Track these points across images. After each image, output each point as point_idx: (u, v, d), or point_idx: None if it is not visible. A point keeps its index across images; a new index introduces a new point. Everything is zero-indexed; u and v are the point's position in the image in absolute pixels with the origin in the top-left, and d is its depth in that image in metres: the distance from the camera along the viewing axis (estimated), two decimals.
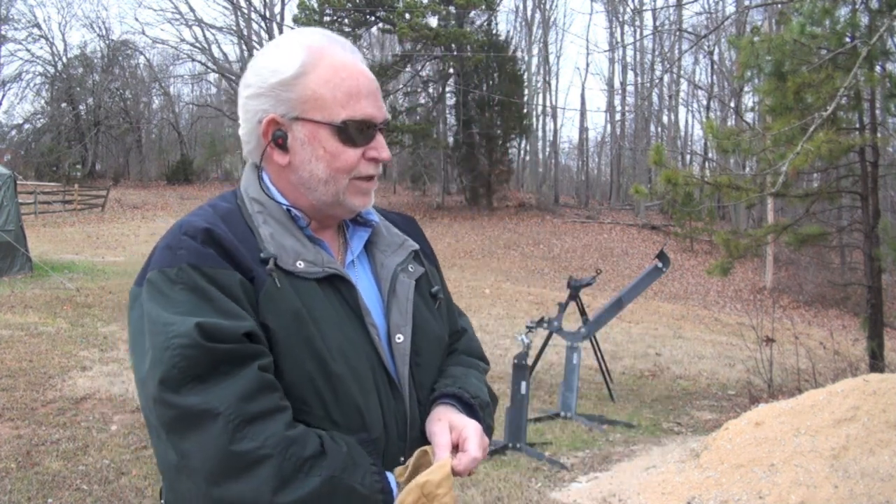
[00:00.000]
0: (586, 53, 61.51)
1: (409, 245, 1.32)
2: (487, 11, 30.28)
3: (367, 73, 1.19)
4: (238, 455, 0.97)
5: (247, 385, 1.00)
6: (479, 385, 1.33)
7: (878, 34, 6.02)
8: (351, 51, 1.20)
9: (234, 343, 1.01)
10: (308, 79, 1.15)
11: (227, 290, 1.05)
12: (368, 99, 1.17)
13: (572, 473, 4.95)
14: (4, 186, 12.36)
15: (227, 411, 0.97)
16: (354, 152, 1.17)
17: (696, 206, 8.32)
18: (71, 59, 38.14)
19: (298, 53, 1.16)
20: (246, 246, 1.11)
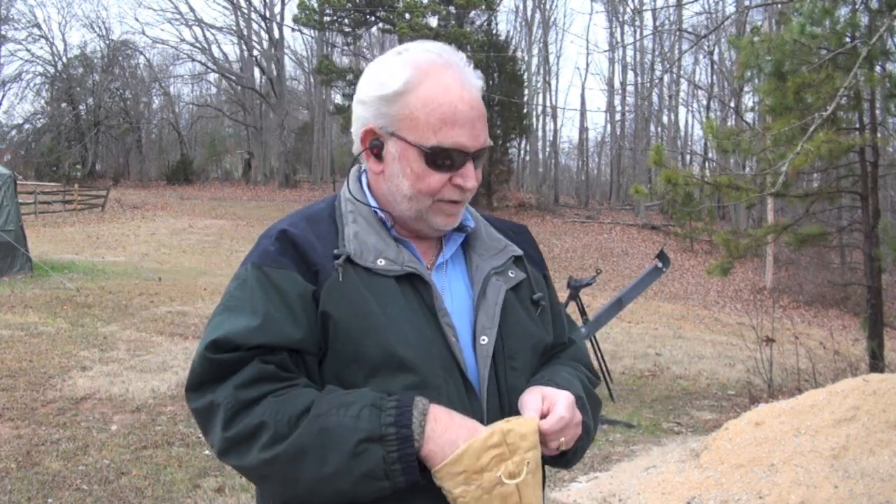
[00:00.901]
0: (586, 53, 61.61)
1: (511, 250, 1.32)
2: (487, 11, 30.29)
3: (469, 99, 1.18)
4: (232, 439, 1.10)
5: (245, 376, 1.10)
6: (571, 379, 1.29)
7: (878, 34, 6.01)
8: (460, 73, 1.19)
9: (243, 351, 1.11)
10: (407, 98, 1.17)
11: (278, 289, 1.15)
12: (463, 128, 1.17)
13: (572, 473, 4.95)
14: (4, 186, 12.36)
15: (225, 402, 1.10)
16: (440, 177, 1.18)
17: (696, 206, 8.32)
18: (71, 59, 38.18)
19: (405, 71, 1.17)
20: (323, 243, 1.20)
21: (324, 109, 38.63)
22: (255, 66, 40.30)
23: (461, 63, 1.20)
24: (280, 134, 38.26)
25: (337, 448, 1.06)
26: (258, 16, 39.66)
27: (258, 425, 1.08)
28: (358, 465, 1.05)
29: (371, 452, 1.05)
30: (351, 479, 1.06)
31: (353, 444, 1.05)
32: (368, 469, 1.05)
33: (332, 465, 1.06)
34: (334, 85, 33.38)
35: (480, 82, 1.23)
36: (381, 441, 1.05)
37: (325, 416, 1.08)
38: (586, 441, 1.27)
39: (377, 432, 1.06)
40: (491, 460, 1.06)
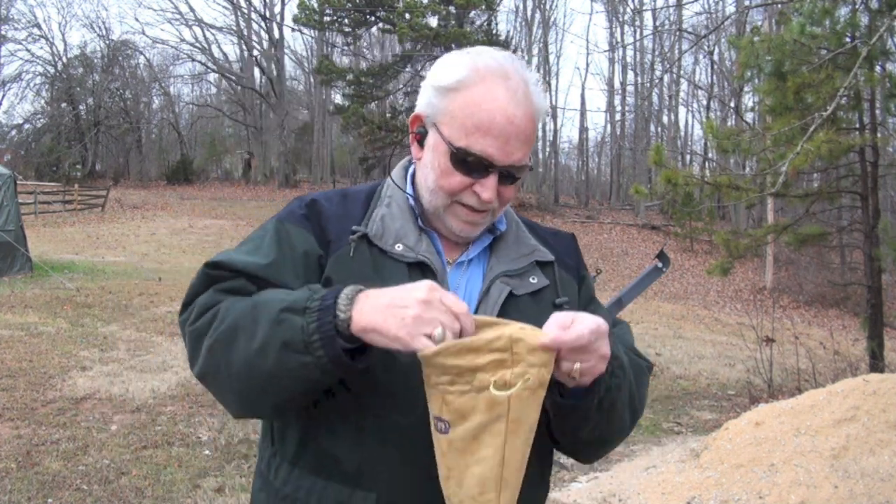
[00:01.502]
0: (586, 53, 61.62)
1: (538, 255, 1.31)
2: (487, 11, 30.28)
3: (512, 114, 1.16)
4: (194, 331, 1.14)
5: (228, 284, 1.17)
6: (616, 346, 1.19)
7: (878, 34, 6.01)
8: (516, 87, 1.17)
9: (240, 275, 1.18)
10: (456, 95, 1.18)
11: (291, 243, 1.22)
12: (496, 139, 1.15)
13: (572, 473, 4.95)
14: (4, 186, 12.36)
15: (201, 301, 1.16)
16: (461, 179, 1.19)
17: (696, 206, 8.32)
18: (71, 59, 38.18)
19: (463, 70, 1.18)
20: (348, 219, 1.25)
21: (324, 109, 38.61)
22: (255, 66, 40.30)
23: (522, 79, 1.19)
24: (280, 134, 38.25)
25: (263, 319, 1.06)
26: (258, 16, 39.69)
27: (213, 315, 1.12)
28: (279, 332, 1.04)
29: (291, 322, 1.04)
30: (274, 352, 1.04)
31: (276, 313, 1.05)
32: (288, 337, 1.03)
33: (259, 337, 1.05)
34: (334, 85, 33.36)
35: (541, 104, 1.21)
36: (304, 312, 1.04)
37: (263, 295, 1.11)
38: (623, 381, 1.18)
39: (301, 304, 1.05)
40: (489, 363, 1.00)
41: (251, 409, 1.17)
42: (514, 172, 1.20)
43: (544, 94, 1.23)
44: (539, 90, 1.21)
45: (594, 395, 1.14)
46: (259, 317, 1.07)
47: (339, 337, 1.03)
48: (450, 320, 1.01)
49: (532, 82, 1.20)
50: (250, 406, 1.15)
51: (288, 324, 1.04)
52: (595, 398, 1.14)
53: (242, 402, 1.14)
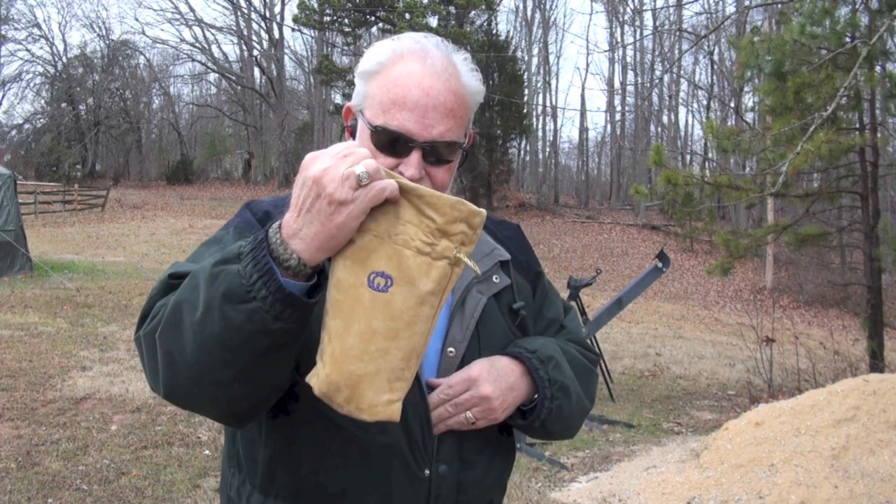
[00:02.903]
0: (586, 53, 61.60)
1: (497, 255, 1.29)
2: (487, 11, 30.28)
3: (428, 87, 1.11)
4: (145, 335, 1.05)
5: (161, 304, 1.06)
6: (545, 343, 1.26)
7: (878, 34, 6.01)
8: (434, 62, 1.13)
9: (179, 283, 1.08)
10: (376, 77, 1.15)
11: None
12: (412, 112, 1.10)
13: (572, 473, 4.95)
14: (4, 186, 12.36)
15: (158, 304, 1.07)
16: (385, 160, 1.11)
17: (696, 206, 8.32)
18: (71, 59, 38.19)
19: (383, 53, 1.16)
20: None
21: (324, 109, 38.59)
22: (255, 66, 40.30)
23: (446, 57, 1.15)
24: (280, 134, 38.25)
25: (200, 281, 0.97)
26: (258, 16, 39.68)
27: (161, 306, 1.04)
28: (217, 287, 0.94)
29: (227, 271, 0.95)
30: (217, 311, 0.93)
31: (209, 268, 0.97)
32: (226, 288, 0.93)
33: (201, 303, 0.95)
34: (334, 85, 33.35)
35: (469, 83, 1.16)
36: (238, 258, 0.95)
37: (200, 266, 1.02)
38: (565, 403, 1.23)
39: (234, 251, 0.97)
40: (460, 233, 0.96)
41: (225, 403, 1.03)
42: (439, 150, 1.13)
43: (475, 73, 1.18)
44: (468, 69, 1.17)
45: (535, 420, 1.22)
46: (196, 282, 0.98)
47: (281, 266, 0.94)
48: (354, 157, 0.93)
49: (459, 61, 1.16)
50: (221, 396, 1.01)
51: (224, 274, 0.95)
52: (536, 422, 1.22)
53: (210, 393, 1.00)
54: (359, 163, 0.93)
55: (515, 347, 1.24)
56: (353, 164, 0.93)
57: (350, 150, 0.96)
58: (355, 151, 0.95)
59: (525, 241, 1.41)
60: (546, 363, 1.22)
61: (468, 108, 1.18)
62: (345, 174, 0.92)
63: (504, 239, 1.35)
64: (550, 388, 1.21)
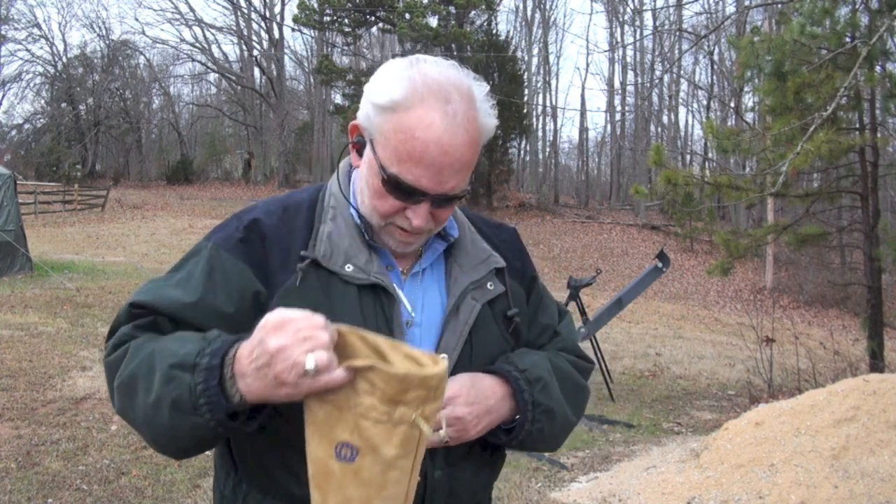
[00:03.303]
0: (586, 53, 61.59)
1: (493, 262, 1.28)
2: (487, 11, 30.29)
3: (447, 143, 1.08)
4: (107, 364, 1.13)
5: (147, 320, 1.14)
6: (537, 361, 1.26)
7: (878, 34, 6.01)
8: (454, 113, 1.09)
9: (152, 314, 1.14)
10: (392, 116, 1.10)
11: (223, 275, 1.15)
12: (428, 170, 1.09)
13: (572, 473, 4.95)
14: (4, 186, 12.36)
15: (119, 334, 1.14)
16: (393, 203, 1.14)
17: (696, 206, 8.32)
18: (71, 59, 38.17)
19: (402, 89, 1.10)
20: (293, 239, 1.19)
21: (324, 109, 38.61)
22: (255, 66, 40.30)
23: (467, 98, 1.12)
24: (280, 134, 38.24)
25: (157, 372, 1.02)
26: (258, 16, 39.68)
27: (123, 352, 1.10)
28: (169, 391, 1.00)
29: (180, 380, 1.00)
30: (167, 409, 1.01)
31: (167, 368, 1.01)
32: (176, 396, 1.00)
33: (153, 392, 1.02)
34: (334, 85, 33.38)
35: (486, 125, 1.15)
36: (193, 370, 0.99)
37: (161, 343, 1.06)
38: (547, 425, 1.23)
39: (191, 360, 1.00)
40: (415, 398, 0.97)
41: (171, 454, 1.11)
42: (449, 200, 1.15)
43: (492, 109, 1.16)
44: (486, 108, 1.15)
45: (512, 439, 1.23)
46: (154, 369, 1.03)
47: (226, 399, 0.99)
48: (312, 344, 0.95)
49: (479, 100, 1.14)
50: (166, 451, 1.09)
51: (177, 382, 1.00)
52: (514, 441, 1.23)
53: (157, 446, 1.09)
54: (314, 351, 0.94)
55: (505, 364, 1.23)
56: (308, 350, 0.94)
57: (312, 332, 0.95)
58: (315, 336, 0.95)
59: (521, 246, 1.40)
60: (533, 385, 1.22)
61: (480, 149, 1.16)
62: (294, 361, 0.93)
63: (500, 243, 1.34)
64: (533, 411, 1.21)
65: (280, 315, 0.97)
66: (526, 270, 1.37)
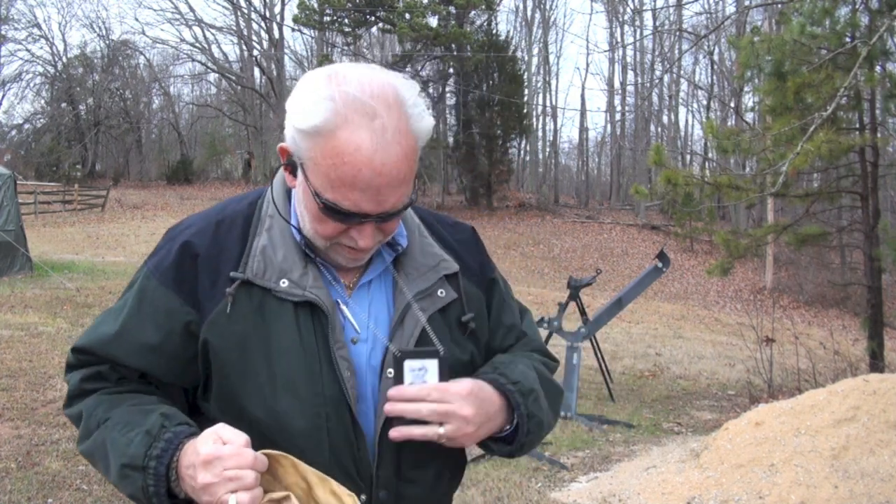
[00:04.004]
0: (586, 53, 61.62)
1: (444, 267, 1.23)
2: (487, 11, 30.30)
3: (379, 164, 1.03)
4: (69, 417, 1.24)
5: (92, 371, 1.22)
6: (526, 371, 1.24)
7: (878, 34, 6.02)
8: (382, 129, 1.03)
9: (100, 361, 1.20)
10: (316, 142, 1.05)
11: (153, 308, 1.16)
12: (364, 193, 1.04)
13: (572, 473, 4.95)
14: (4, 186, 12.35)
15: (70, 387, 1.25)
16: (336, 226, 1.09)
17: (696, 206, 8.33)
18: (71, 59, 38.14)
19: (323, 111, 1.03)
20: (223, 259, 1.16)
21: None
22: (255, 66, 40.29)
23: (395, 107, 1.05)
24: (280, 134, 38.08)
25: (112, 464, 1.10)
26: (258, 16, 39.65)
27: (78, 415, 1.19)
28: (125, 486, 1.10)
29: (133, 479, 1.08)
30: (127, 494, 1.12)
31: (119, 467, 1.09)
32: (132, 492, 1.09)
33: (112, 476, 1.12)
34: None
35: (420, 129, 1.08)
36: (143, 471, 1.06)
37: (111, 429, 1.12)
38: (536, 435, 1.24)
39: (139, 462, 1.07)
40: None
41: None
42: (392, 216, 1.10)
43: (425, 111, 1.10)
44: (417, 111, 1.08)
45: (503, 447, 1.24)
46: (108, 459, 1.11)
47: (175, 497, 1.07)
48: (236, 485, 1.00)
49: (408, 105, 1.07)
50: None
51: (130, 480, 1.08)
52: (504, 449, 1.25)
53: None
54: (237, 492, 0.99)
55: (496, 375, 1.20)
56: (232, 490, 0.99)
57: (238, 473, 1.00)
58: (241, 476, 1.00)
59: (479, 245, 1.34)
60: (527, 397, 1.20)
61: (417, 155, 1.10)
62: (218, 501, 1.00)
63: (456, 244, 1.29)
64: (528, 423, 1.20)
65: (210, 446, 1.01)
66: (484, 272, 1.31)
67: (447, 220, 1.35)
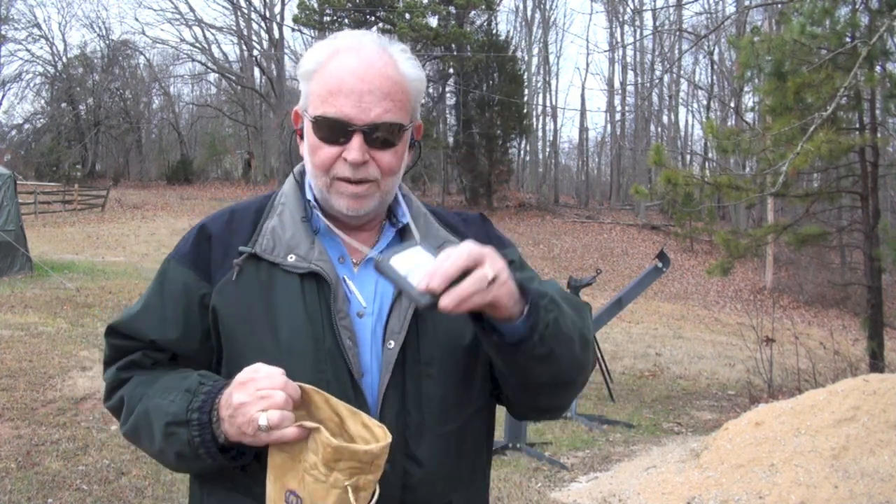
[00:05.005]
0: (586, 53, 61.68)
1: (449, 245, 1.17)
2: (487, 11, 30.30)
3: (362, 73, 1.14)
4: (110, 409, 1.28)
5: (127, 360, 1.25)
6: (545, 284, 1.19)
7: (878, 34, 6.02)
8: (367, 53, 1.16)
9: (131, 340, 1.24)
10: (315, 76, 1.18)
11: (171, 285, 1.23)
12: (348, 98, 1.13)
13: (572, 473, 4.95)
14: (4, 186, 12.35)
15: (108, 379, 1.27)
16: (329, 150, 1.16)
17: (696, 206, 8.33)
18: (71, 59, 38.13)
19: (321, 52, 1.19)
20: (236, 238, 1.23)
21: None
22: (255, 66, 40.28)
23: (381, 48, 1.18)
24: (280, 134, 38.21)
25: (155, 429, 1.15)
26: (258, 16, 39.63)
27: (119, 401, 1.23)
28: (171, 445, 1.14)
29: (178, 435, 1.12)
30: (172, 456, 1.15)
31: (162, 427, 1.13)
32: (179, 449, 1.13)
33: (157, 443, 1.16)
34: None
35: (407, 71, 1.18)
36: (187, 425, 1.11)
37: (151, 398, 1.17)
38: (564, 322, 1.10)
39: (182, 417, 1.11)
40: (349, 468, 1.03)
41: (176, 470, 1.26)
42: (380, 131, 1.14)
43: (412, 62, 1.20)
44: (405, 58, 1.19)
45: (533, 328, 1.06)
46: (152, 425, 1.16)
47: (219, 444, 1.11)
48: (267, 403, 1.04)
49: (396, 52, 1.19)
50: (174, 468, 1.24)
51: (176, 437, 1.12)
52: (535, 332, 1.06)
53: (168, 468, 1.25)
54: (267, 410, 1.04)
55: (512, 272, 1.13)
56: (264, 408, 1.04)
57: (269, 391, 1.05)
58: (272, 395, 1.04)
59: (488, 227, 1.35)
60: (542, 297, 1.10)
61: (408, 94, 1.19)
62: (251, 418, 1.04)
63: (463, 226, 1.32)
64: (540, 299, 1.09)
65: (247, 372, 1.07)
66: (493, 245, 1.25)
67: (459, 214, 1.38)
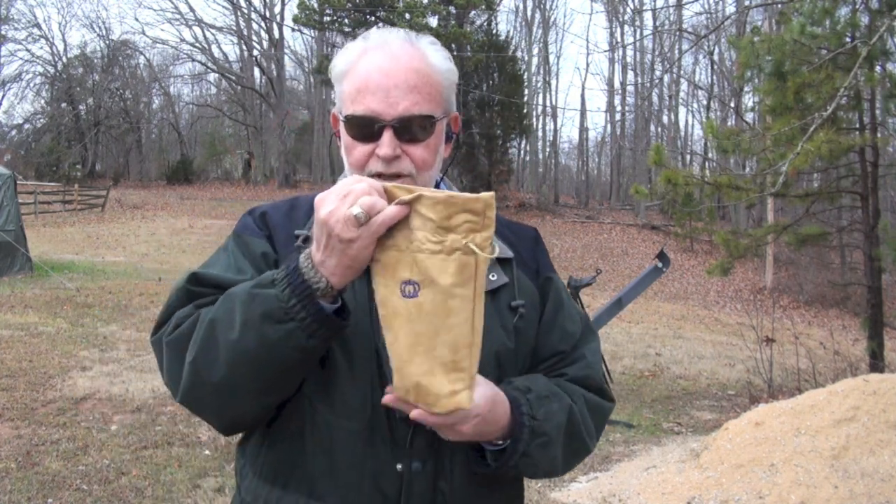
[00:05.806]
0: (586, 53, 61.72)
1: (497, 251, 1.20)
2: (487, 11, 30.29)
3: (387, 68, 1.15)
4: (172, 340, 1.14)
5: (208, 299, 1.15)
6: (547, 384, 1.21)
7: (878, 34, 6.02)
8: (392, 48, 1.17)
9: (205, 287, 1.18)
10: (346, 77, 1.20)
11: (251, 252, 1.23)
12: (375, 94, 1.14)
13: (572, 473, 4.95)
14: (4, 186, 12.36)
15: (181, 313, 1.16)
16: (362, 148, 1.17)
17: (696, 206, 8.32)
18: (71, 59, 38.17)
19: (351, 52, 1.20)
20: (294, 227, 1.25)
21: (324, 109, 38.61)
22: (255, 66, 40.29)
23: (408, 42, 1.19)
24: (280, 134, 38.23)
25: (237, 303, 1.06)
26: (258, 16, 39.66)
27: (193, 321, 1.12)
28: (255, 307, 1.04)
29: (264, 295, 1.04)
30: (255, 329, 1.04)
31: (246, 293, 1.06)
32: (265, 309, 1.03)
33: (237, 322, 1.05)
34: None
35: (435, 61, 1.19)
36: (273, 284, 1.05)
37: (229, 291, 1.11)
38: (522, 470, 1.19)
39: (268, 279, 1.06)
40: (462, 224, 1.00)
41: (232, 416, 1.16)
42: (410, 125, 1.15)
43: (442, 53, 1.21)
44: (434, 51, 1.20)
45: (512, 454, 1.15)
46: (231, 304, 1.07)
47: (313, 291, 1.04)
48: (352, 197, 1.00)
49: (424, 45, 1.20)
50: (232, 411, 1.14)
51: (262, 297, 1.04)
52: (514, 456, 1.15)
53: (224, 407, 1.12)
54: (356, 202, 1.00)
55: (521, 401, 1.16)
56: (351, 204, 1.00)
57: (349, 188, 1.02)
58: (353, 190, 1.01)
59: (539, 245, 1.38)
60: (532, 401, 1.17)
61: (438, 86, 1.19)
62: (345, 216, 0.99)
63: (516, 240, 1.33)
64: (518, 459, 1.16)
65: (322, 194, 1.05)
66: (541, 269, 1.33)
67: (512, 223, 1.39)
